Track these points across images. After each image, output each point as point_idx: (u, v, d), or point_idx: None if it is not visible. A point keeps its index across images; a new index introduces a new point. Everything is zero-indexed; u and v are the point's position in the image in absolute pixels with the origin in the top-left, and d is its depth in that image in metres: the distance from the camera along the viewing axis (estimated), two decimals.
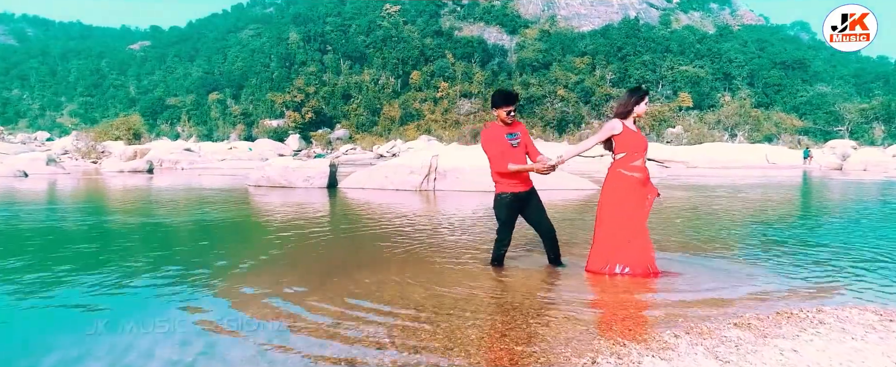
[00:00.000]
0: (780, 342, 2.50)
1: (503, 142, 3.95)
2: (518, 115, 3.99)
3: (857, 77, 76.17)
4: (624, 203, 3.83)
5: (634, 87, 4.09)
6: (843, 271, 4.23)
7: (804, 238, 5.94)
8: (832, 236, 6.19)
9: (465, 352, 2.50)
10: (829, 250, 5.11)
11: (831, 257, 4.80)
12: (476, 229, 6.57)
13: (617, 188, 3.86)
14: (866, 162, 31.40)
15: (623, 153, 3.82)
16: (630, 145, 3.81)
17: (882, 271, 4.23)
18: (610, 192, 3.90)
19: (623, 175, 3.83)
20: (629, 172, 3.82)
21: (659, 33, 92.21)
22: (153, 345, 2.63)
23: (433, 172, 12.97)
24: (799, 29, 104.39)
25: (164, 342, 2.66)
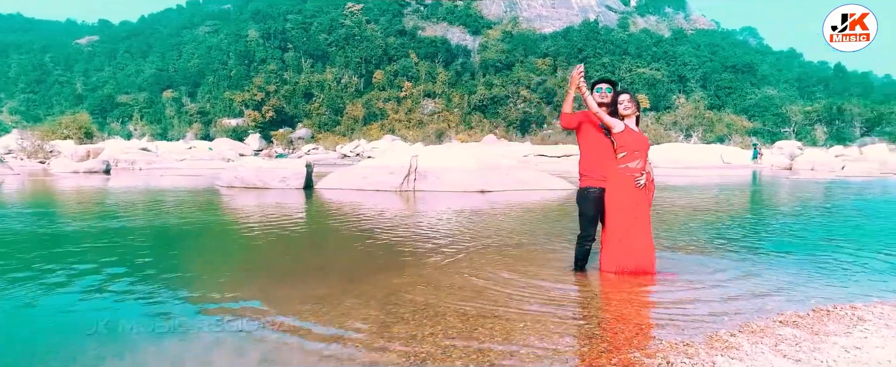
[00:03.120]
0: (837, 340, 2.54)
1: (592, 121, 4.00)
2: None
3: (801, 81, 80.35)
4: (623, 201, 3.86)
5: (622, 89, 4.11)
6: (837, 267, 4.38)
7: (785, 236, 6.15)
8: (813, 233, 6.43)
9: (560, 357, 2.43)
10: (815, 247, 5.30)
11: (820, 253, 4.98)
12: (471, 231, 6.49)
13: (617, 188, 3.88)
14: (813, 162, 33.11)
15: (623, 153, 3.85)
16: (629, 145, 3.84)
17: (875, 267, 4.40)
18: (611, 191, 3.92)
19: (623, 175, 3.86)
20: (630, 171, 3.86)
21: (617, 36, 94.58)
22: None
23: (413, 172, 12.83)
24: (747, 34, 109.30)
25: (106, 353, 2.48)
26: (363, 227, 6.79)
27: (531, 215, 8.43)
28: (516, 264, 4.46)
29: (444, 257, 4.73)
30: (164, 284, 3.78)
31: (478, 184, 12.73)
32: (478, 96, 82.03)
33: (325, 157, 48.42)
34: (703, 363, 2.31)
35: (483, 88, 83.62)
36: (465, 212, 8.50)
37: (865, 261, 4.62)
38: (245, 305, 3.26)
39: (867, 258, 4.73)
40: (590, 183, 3.98)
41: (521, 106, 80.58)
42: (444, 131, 73.52)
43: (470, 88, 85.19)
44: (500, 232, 6.23)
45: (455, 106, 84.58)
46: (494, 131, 69.70)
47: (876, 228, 6.93)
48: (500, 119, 79.57)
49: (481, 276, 3.99)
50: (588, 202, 3.99)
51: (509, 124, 77.88)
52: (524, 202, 10.50)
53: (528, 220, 7.70)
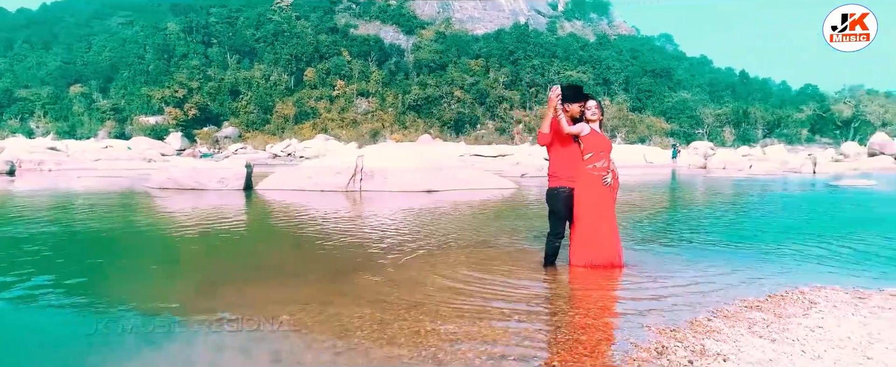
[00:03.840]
0: (800, 321, 2.83)
1: (565, 136, 4.13)
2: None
3: (711, 85, 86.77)
4: (592, 199, 4.09)
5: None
6: (777, 256, 4.85)
7: (725, 229, 6.70)
8: (749, 226, 7.04)
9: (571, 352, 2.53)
10: (754, 239, 5.83)
11: (759, 243, 5.48)
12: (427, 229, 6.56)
13: (586, 187, 4.10)
14: (725, 162, 35.96)
15: (590, 154, 4.09)
16: (595, 146, 4.09)
17: (801, 255, 4.91)
18: (580, 190, 4.13)
19: (591, 174, 4.09)
20: (596, 171, 4.09)
21: (546, 40, 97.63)
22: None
23: (359, 172, 12.69)
24: (664, 41, 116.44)
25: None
26: (322, 229, 6.67)
27: (485, 214, 8.60)
28: (490, 262, 4.57)
29: (418, 257, 4.76)
30: (132, 293, 3.56)
31: (424, 184, 12.80)
32: (412, 96, 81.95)
33: (255, 157, 46.53)
34: (693, 346, 2.51)
35: (417, 87, 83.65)
36: (419, 212, 8.53)
37: (799, 250, 5.14)
38: (232, 308, 3.14)
39: (800, 248, 5.26)
40: (559, 183, 4.17)
41: (455, 106, 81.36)
42: (378, 131, 72.93)
43: (404, 88, 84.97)
44: (461, 231, 6.33)
45: (389, 105, 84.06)
46: (429, 131, 69.94)
47: (799, 220, 7.68)
48: (435, 119, 79.94)
49: (460, 274, 4.07)
50: (558, 201, 4.18)
51: (444, 124, 78.40)
52: (473, 202, 10.68)
53: (484, 219, 7.85)
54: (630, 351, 2.49)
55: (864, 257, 4.82)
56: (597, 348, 2.57)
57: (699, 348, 2.48)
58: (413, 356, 2.45)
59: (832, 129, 67.33)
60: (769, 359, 2.31)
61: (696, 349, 2.47)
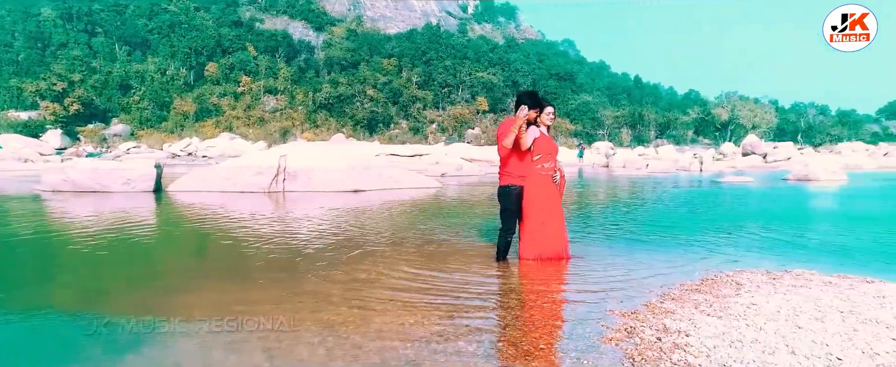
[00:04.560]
0: (736, 300, 3.23)
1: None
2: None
3: (610, 89, 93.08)
4: (541, 197, 4.36)
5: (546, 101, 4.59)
6: (697, 245, 5.42)
7: (645, 223, 7.33)
8: (664, 219, 7.74)
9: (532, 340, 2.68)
10: (673, 230, 6.46)
11: (678, 234, 6.09)
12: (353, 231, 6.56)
13: (536, 185, 4.37)
14: (625, 161, 38.80)
15: (539, 155, 4.37)
16: (545, 149, 4.38)
17: (715, 243, 5.54)
18: (531, 189, 4.39)
19: (540, 174, 4.37)
20: (545, 171, 4.38)
21: (458, 41, 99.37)
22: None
23: (282, 172, 12.29)
24: (567, 46, 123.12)
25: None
26: (256, 230, 6.41)
27: (420, 212, 8.67)
28: (443, 258, 4.69)
29: (370, 255, 4.77)
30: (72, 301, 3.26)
31: (351, 183, 12.65)
32: (323, 94, 79.98)
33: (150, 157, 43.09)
34: (656, 325, 2.79)
35: (329, 85, 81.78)
36: (353, 211, 8.45)
37: (712, 239, 5.76)
38: (210, 311, 2.99)
39: (712, 237, 5.90)
40: (510, 181, 4.39)
41: (368, 105, 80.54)
42: (288, 130, 70.40)
43: (315, 86, 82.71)
44: (402, 229, 6.39)
45: (299, 104, 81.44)
46: (342, 130, 68.70)
47: (704, 213, 8.55)
48: (347, 118, 78.62)
49: (418, 272, 4.15)
50: (509, 198, 4.40)
51: (357, 123, 77.33)
52: (403, 200, 10.73)
53: (421, 217, 7.94)
54: (604, 333, 2.72)
55: (766, 244, 5.52)
56: (574, 331, 2.78)
57: (661, 327, 2.77)
58: (406, 348, 2.51)
59: (712, 131, 74.91)
60: (722, 332, 2.64)
61: (659, 327, 2.75)
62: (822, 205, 10.34)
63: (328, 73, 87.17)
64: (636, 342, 2.57)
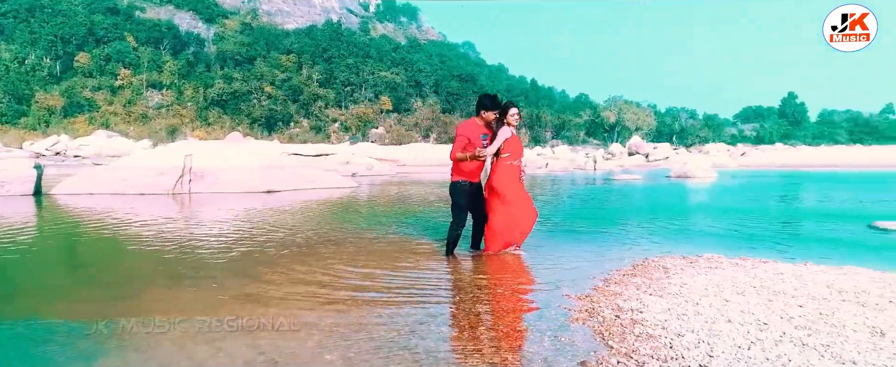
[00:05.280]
0: (669, 281, 3.67)
1: (476, 138, 4.43)
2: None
3: (509, 91, 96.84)
4: (511, 190, 4.62)
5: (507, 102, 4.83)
6: (620, 235, 5.98)
7: (569, 217, 7.89)
8: (586, 213, 8.36)
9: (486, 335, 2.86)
10: (596, 222, 7.03)
11: (602, 226, 6.65)
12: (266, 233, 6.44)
13: (504, 178, 4.61)
14: (526, 160, 40.38)
15: (508, 154, 4.62)
16: (513, 148, 4.64)
17: (633, 233, 6.15)
18: (500, 181, 4.59)
19: (507, 166, 4.62)
20: (513, 168, 4.64)
21: (360, 39, 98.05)
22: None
23: (188, 173, 11.53)
24: (468, 48, 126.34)
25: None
26: (172, 233, 6.02)
27: (350, 212, 8.58)
28: (390, 255, 4.77)
29: (315, 254, 4.72)
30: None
31: (263, 184, 12.16)
32: (216, 90, 75.23)
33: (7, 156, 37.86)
34: (610, 305, 3.11)
35: (222, 81, 77.06)
36: (276, 211, 8.18)
37: (628, 230, 6.36)
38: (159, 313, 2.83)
39: (628, 228, 6.51)
40: (461, 177, 4.58)
41: (266, 103, 77.05)
42: (177, 128, 65.34)
43: (206, 81, 77.54)
44: (334, 228, 6.34)
45: (188, 100, 75.96)
46: (238, 129, 65.02)
47: (610, 207, 9.33)
48: (243, 116, 74.64)
49: (371, 270, 4.20)
50: (461, 194, 4.59)
51: (254, 122, 73.67)
52: (325, 200, 10.53)
53: (351, 216, 7.87)
54: (569, 315, 2.99)
55: (673, 233, 6.21)
56: (543, 315, 3.02)
57: (616, 306, 3.09)
58: (394, 336, 2.59)
59: (602, 132, 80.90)
60: (668, 308, 3.01)
61: (615, 307, 3.07)
62: (705, 199, 11.69)
63: (221, 68, 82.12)
64: (599, 321, 2.86)
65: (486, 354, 2.47)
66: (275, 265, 4.31)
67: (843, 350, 2.35)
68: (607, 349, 2.47)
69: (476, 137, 4.51)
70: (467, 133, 4.50)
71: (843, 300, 3.08)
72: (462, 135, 4.49)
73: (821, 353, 2.33)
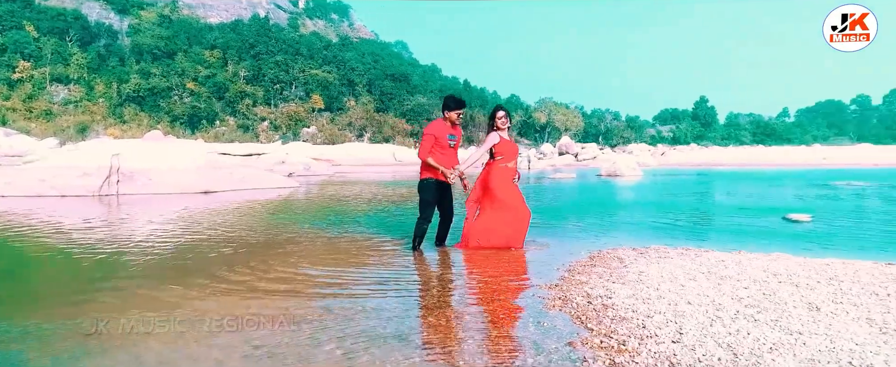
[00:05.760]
0: (627, 269, 3.96)
1: (443, 138, 4.56)
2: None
3: (442, 91, 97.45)
4: (505, 192, 4.79)
5: (494, 106, 5.00)
6: (573, 228, 6.31)
7: None
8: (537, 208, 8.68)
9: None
10: (548, 216, 7.35)
11: (552, 220, 6.97)
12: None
13: (498, 179, 4.79)
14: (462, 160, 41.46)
15: (501, 156, 4.82)
16: (505, 151, 4.83)
17: (581, 227, 6.52)
18: (492, 180, 4.78)
19: (501, 169, 4.81)
20: (507, 170, 4.83)
21: (289, 36, 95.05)
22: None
23: (116, 173, 10.84)
24: (401, 47, 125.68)
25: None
26: (129, 236, 5.70)
27: (301, 211, 8.42)
28: (366, 252, 4.81)
29: (279, 253, 4.66)
30: None
31: (200, 184, 11.67)
32: (132, 86, 70.47)
33: None
34: (581, 293, 3.34)
35: (138, 76, 72.31)
36: (223, 212, 7.89)
37: (579, 225, 6.71)
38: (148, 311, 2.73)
39: (577, 223, 6.86)
40: (429, 175, 4.71)
41: (189, 100, 73.11)
42: (87, 125, 60.63)
43: (121, 76, 72.47)
44: (300, 228, 6.24)
45: (100, 95, 70.71)
46: (157, 127, 61.24)
47: (557, 205, 9.74)
48: (163, 113, 70.43)
49: (347, 269, 4.22)
50: (428, 190, 4.72)
51: (175, 120, 69.70)
52: (269, 200, 10.25)
53: (305, 216, 7.74)
54: (544, 303, 3.18)
55: (617, 226, 6.63)
56: (521, 303, 3.19)
57: (586, 294, 3.32)
58: (385, 327, 2.66)
59: (533, 132, 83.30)
60: (633, 294, 3.27)
61: (585, 295, 3.30)
62: (638, 196, 12.45)
63: (137, 62, 76.98)
64: (574, 307, 3.07)
65: (478, 339, 2.60)
66: (242, 265, 4.21)
67: (789, 323, 2.69)
68: (588, 331, 2.67)
69: (443, 136, 4.65)
70: (435, 132, 4.63)
71: (780, 282, 3.48)
72: (429, 134, 4.61)
73: (771, 326, 2.65)
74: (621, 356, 2.34)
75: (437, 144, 4.63)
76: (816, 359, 2.26)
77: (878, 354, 2.30)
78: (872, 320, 2.74)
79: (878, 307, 2.94)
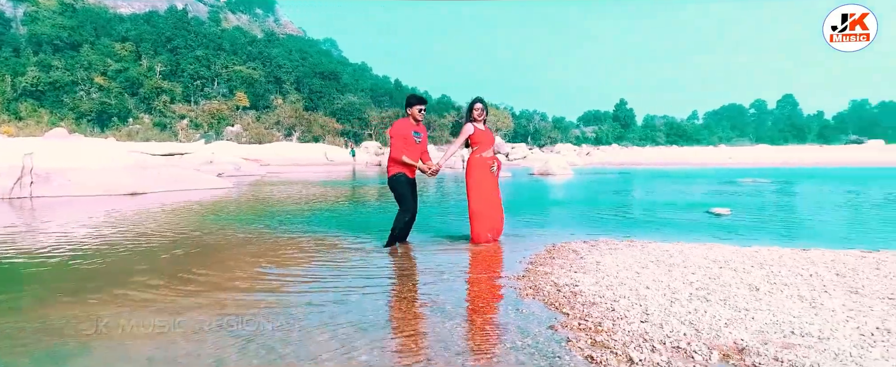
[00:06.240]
0: (584, 260, 4.24)
1: (409, 136, 4.65)
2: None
3: (373, 91, 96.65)
4: (483, 181, 4.98)
5: (473, 99, 5.11)
6: (519, 226, 6.58)
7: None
8: None
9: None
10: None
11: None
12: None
13: (477, 171, 4.99)
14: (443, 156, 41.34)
15: (477, 146, 5.00)
16: (481, 141, 5.01)
17: (528, 222, 6.82)
18: (473, 174, 4.98)
19: (479, 159, 5.00)
20: (483, 160, 5.02)
21: (210, 30, 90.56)
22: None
23: (29, 174, 9.99)
24: (330, 45, 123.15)
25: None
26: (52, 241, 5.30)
27: (247, 212, 8.13)
28: (329, 251, 4.78)
29: (247, 252, 4.55)
30: None
31: (127, 185, 10.99)
32: (29, 79, 64.43)
33: None
34: (548, 282, 3.56)
35: (36, 69, 66.22)
36: (160, 212, 7.50)
37: (529, 220, 7.00)
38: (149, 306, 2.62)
39: (527, 219, 7.15)
40: (398, 170, 4.81)
41: (97, 95, 67.85)
42: None
43: (15, 68, 66.04)
44: (252, 228, 6.08)
45: None
46: (60, 124, 56.32)
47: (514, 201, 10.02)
48: (67, 109, 64.96)
49: (322, 267, 4.21)
50: (401, 184, 4.84)
51: (81, 116, 64.45)
52: (207, 201, 9.81)
53: (252, 216, 7.50)
54: (518, 292, 3.36)
55: (565, 221, 6.98)
56: (496, 292, 3.35)
57: (554, 283, 3.54)
58: (377, 316, 2.73)
59: None
60: (596, 282, 3.53)
61: (553, 284, 3.52)
62: (574, 194, 13.06)
63: (35, 53, 70.42)
64: (546, 295, 3.28)
65: (465, 326, 2.73)
66: (202, 267, 4.09)
67: (736, 302, 3.04)
68: (564, 316, 2.88)
69: (408, 134, 4.75)
70: (400, 132, 4.72)
71: (721, 268, 3.88)
72: (396, 135, 4.70)
73: (722, 305, 2.98)
74: (600, 336, 2.56)
75: (405, 142, 4.73)
76: (765, 330, 2.59)
77: (812, 324, 2.67)
78: (803, 296, 3.15)
79: (805, 286, 3.37)
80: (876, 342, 2.44)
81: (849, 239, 5.57)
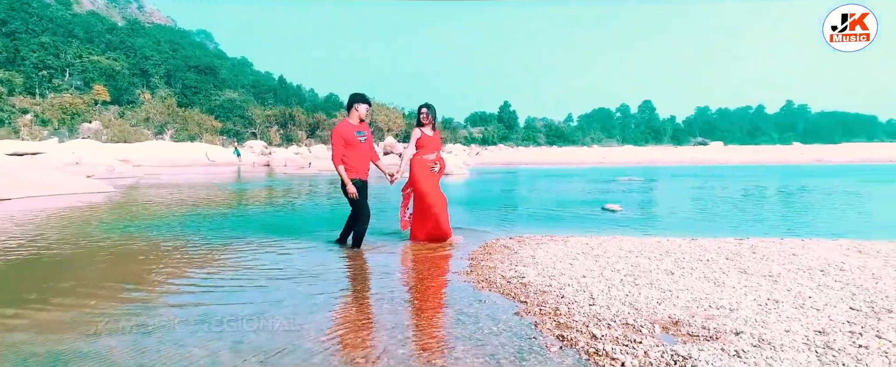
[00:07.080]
0: (518, 255, 4.61)
1: (352, 137, 4.65)
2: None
3: (255, 87, 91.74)
4: (427, 182, 5.17)
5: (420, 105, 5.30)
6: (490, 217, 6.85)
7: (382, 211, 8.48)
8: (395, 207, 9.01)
9: None
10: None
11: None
12: None
13: (420, 172, 5.18)
14: (285, 160, 39.69)
15: (422, 148, 5.19)
16: (427, 144, 5.22)
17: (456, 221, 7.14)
18: (416, 174, 5.17)
19: (420, 160, 5.20)
20: (426, 161, 5.23)
21: (58, 14, 79.98)
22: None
23: None
24: (204, 37, 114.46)
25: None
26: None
27: (147, 218, 7.48)
28: (277, 255, 4.66)
29: (211, 253, 4.30)
30: None
31: None
32: None
33: None
34: (499, 275, 3.86)
35: None
36: (51, 219, 6.65)
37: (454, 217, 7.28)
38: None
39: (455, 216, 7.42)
40: (355, 175, 4.84)
41: None
42: None
43: None
44: (177, 236, 5.68)
45: None
46: None
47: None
48: None
49: (292, 265, 4.13)
50: (357, 189, 4.84)
51: None
52: (90, 207, 8.84)
53: (157, 222, 6.94)
54: (473, 286, 3.62)
55: (483, 220, 7.37)
56: (453, 288, 3.58)
57: (502, 276, 3.85)
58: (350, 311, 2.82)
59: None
60: (539, 273, 3.90)
61: (502, 277, 3.83)
62: (474, 193, 13.65)
63: None
64: (499, 287, 3.57)
65: (439, 316, 2.93)
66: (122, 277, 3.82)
67: (661, 284, 3.56)
68: (523, 304, 3.19)
69: (351, 135, 4.79)
70: (342, 134, 4.74)
71: (637, 257, 4.46)
72: (337, 137, 4.72)
73: (650, 288, 3.48)
74: (561, 318, 2.90)
75: (348, 144, 4.76)
76: (689, 306, 3.10)
77: (722, 299, 3.24)
78: (708, 277, 3.77)
79: (707, 269, 4.02)
80: (770, 310, 3.04)
81: (721, 228, 6.59)
